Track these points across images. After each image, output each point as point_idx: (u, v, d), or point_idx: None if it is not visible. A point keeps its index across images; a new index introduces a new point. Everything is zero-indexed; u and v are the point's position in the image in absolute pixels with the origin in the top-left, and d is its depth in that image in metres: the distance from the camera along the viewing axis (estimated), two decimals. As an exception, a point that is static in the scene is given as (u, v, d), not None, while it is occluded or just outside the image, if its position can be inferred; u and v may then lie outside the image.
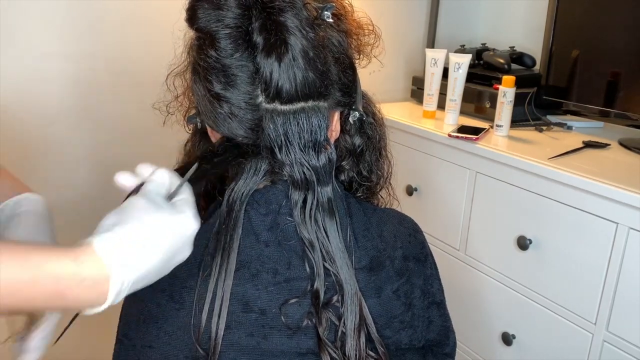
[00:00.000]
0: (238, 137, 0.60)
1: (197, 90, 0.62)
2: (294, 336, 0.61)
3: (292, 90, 0.57)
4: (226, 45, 0.57)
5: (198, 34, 0.60)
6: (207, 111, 0.61)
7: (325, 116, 0.60)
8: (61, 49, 1.34)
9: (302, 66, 0.57)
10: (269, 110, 0.58)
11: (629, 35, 1.33)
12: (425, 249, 0.72)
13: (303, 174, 0.61)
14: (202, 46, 0.59)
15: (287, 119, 0.59)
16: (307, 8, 0.58)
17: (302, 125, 0.59)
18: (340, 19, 0.64)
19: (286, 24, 0.56)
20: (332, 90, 0.62)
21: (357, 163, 0.73)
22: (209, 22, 0.57)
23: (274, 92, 0.57)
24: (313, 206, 0.61)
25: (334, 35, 0.62)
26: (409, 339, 0.67)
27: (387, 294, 0.65)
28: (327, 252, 0.61)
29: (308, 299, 0.61)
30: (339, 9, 0.64)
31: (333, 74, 0.61)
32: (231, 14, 0.57)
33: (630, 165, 1.23)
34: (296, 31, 0.56)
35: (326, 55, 0.60)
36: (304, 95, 0.58)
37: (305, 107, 0.59)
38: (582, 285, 1.16)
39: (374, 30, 0.69)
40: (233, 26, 0.57)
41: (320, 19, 0.60)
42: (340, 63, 0.62)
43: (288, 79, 0.57)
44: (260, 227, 0.62)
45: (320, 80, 0.59)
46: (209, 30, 0.57)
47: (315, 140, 0.60)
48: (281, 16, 0.56)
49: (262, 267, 0.61)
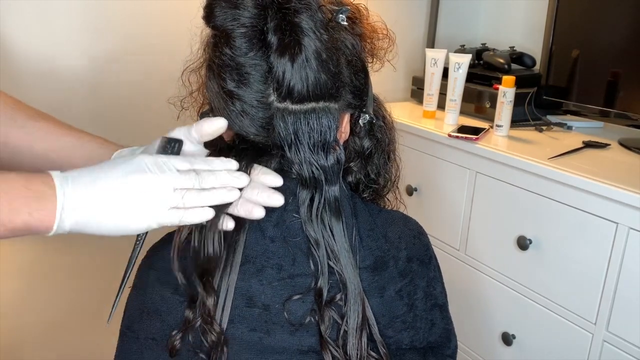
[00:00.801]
0: (250, 134, 0.62)
1: (211, 87, 0.63)
2: (296, 333, 0.61)
3: (303, 91, 0.58)
4: (241, 43, 0.58)
5: (214, 32, 0.62)
6: (220, 108, 0.62)
7: (335, 117, 0.61)
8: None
9: (314, 67, 0.58)
10: (280, 109, 0.60)
11: (629, 35, 1.33)
12: (429, 252, 0.72)
13: (312, 173, 0.62)
14: (217, 44, 0.61)
15: (298, 118, 0.60)
16: (322, 10, 0.59)
17: (312, 125, 0.60)
18: (355, 23, 0.65)
19: (301, 25, 0.57)
20: (344, 92, 0.62)
21: (365, 165, 0.73)
22: (225, 21, 0.58)
23: (285, 92, 0.58)
24: (320, 205, 0.62)
25: (347, 38, 0.63)
26: (410, 340, 0.67)
27: (389, 294, 0.65)
28: (332, 251, 0.61)
29: (311, 296, 0.61)
30: (354, 12, 0.65)
31: (345, 76, 0.62)
32: (247, 13, 0.58)
33: (630, 165, 1.23)
34: (310, 33, 0.57)
35: (339, 58, 0.61)
36: (315, 95, 0.59)
37: (316, 107, 0.60)
38: (582, 285, 1.16)
39: (388, 34, 0.70)
40: (249, 25, 0.58)
41: (335, 21, 0.61)
42: (352, 66, 0.63)
43: (300, 79, 0.58)
44: (267, 223, 0.62)
45: (332, 81, 0.60)
46: (225, 28, 0.59)
47: (324, 140, 0.61)
48: (296, 17, 0.57)
49: (267, 263, 0.62)
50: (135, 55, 1.42)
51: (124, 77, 1.42)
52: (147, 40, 1.43)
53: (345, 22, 0.62)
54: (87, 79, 1.38)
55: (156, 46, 1.43)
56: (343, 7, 0.62)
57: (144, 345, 0.63)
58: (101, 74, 1.39)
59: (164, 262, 0.63)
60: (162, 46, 1.42)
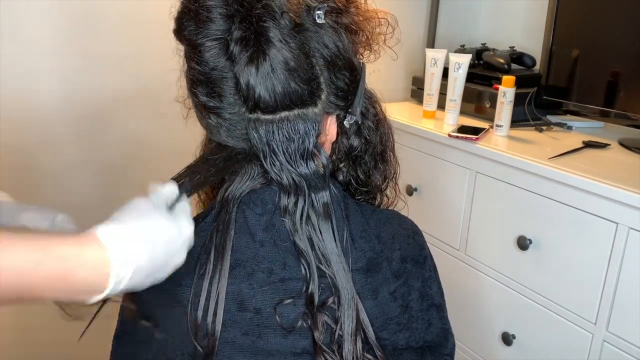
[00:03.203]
0: (229, 144, 0.61)
1: (191, 98, 0.62)
2: (289, 336, 0.61)
3: (271, 101, 0.57)
4: (208, 57, 0.57)
5: (184, 46, 0.60)
6: (200, 118, 0.62)
7: (314, 122, 0.60)
8: (62, 49, 1.34)
9: (281, 77, 0.56)
10: (252, 119, 0.59)
11: (629, 35, 1.33)
12: (424, 251, 0.71)
13: (292, 180, 0.60)
14: (187, 58, 0.60)
15: (270, 128, 0.58)
16: (287, 16, 0.56)
17: (287, 133, 0.59)
18: (340, 13, 0.59)
19: (265, 34, 0.55)
20: (323, 95, 0.60)
21: (355, 166, 0.72)
22: (191, 34, 0.57)
23: (252, 103, 0.57)
24: (304, 211, 0.61)
25: (328, 37, 0.58)
26: (406, 341, 0.66)
27: (383, 295, 0.64)
28: (323, 255, 0.60)
29: (303, 299, 0.61)
30: (340, 2, 0.60)
31: (324, 78, 0.60)
32: (214, 26, 0.56)
33: (630, 165, 1.23)
34: (276, 41, 0.55)
35: (312, 62, 0.58)
36: (285, 105, 0.57)
37: (289, 115, 0.58)
38: (582, 285, 1.16)
39: (386, 18, 0.65)
40: (214, 38, 0.56)
41: (310, 20, 0.57)
42: (333, 65, 0.59)
43: (266, 89, 0.56)
44: (256, 227, 0.62)
45: (304, 88, 0.57)
46: (193, 42, 0.58)
47: (303, 148, 0.60)
48: (259, 27, 0.55)
49: (257, 267, 0.61)
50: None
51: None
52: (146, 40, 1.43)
53: (323, 20, 0.57)
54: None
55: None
56: (320, 3, 0.57)
57: (137, 349, 0.63)
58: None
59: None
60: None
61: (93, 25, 1.36)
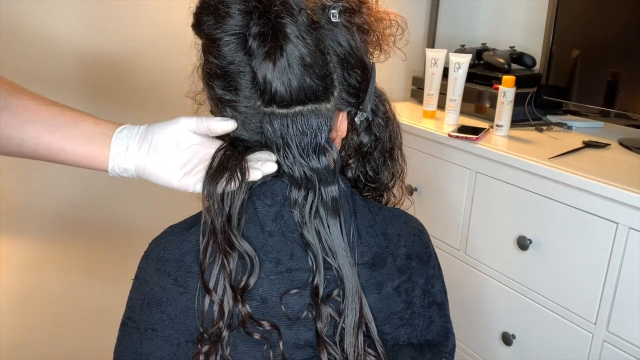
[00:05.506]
0: (244, 137, 0.63)
1: (207, 90, 0.64)
2: (293, 327, 0.62)
3: (287, 95, 0.58)
4: (226, 52, 0.58)
5: (202, 40, 0.62)
6: (216, 112, 0.64)
7: (327, 118, 0.61)
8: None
9: (297, 72, 0.57)
10: (267, 113, 0.60)
11: (629, 35, 1.33)
12: (429, 249, 0.72)
13: (304, 173, 0.62)
14: (205, 51, 0.61)
15: (285, 122, 0.60)
16: (305, 13, 0.58)
17: (300, 127, 0.60)
18: (354, 13, 0.61)
19: (283, 30, 0.56)
20: (335, 92, 0.62)
21: (364, 163, 0.73)
22: (210, 29, 0.59)
23: (269, 97, 0.58)
24: (314, 205, 0.62)
25: (341, 35, 0.60)
26: (407, 337, 0.67)
27: (387, 290, 0.65)
28: (330, 249, 0.61)
29: (309, 290, 0.62)
30: (354, 2, 0.61)
31: (337, 75, 0.61)
32: (232, 21, 0.57)
33: (630, 165, 1.23)
34: (293, 37, 0.57)
35: (327, 59, 0.60)
36: (300, 99, 0.59)
37: (303, 110, 0.60)
38: (582, 285, 1.16)
39: (396, 20, 0.67)
40: (233, 33, 0.58)
41: (325, 19, 0.59)
42: (346, 63, 0.61)
43: (282, 84, 0.57)
44: (265, 218, 0.63)
45: (319, 84, 0.59)
46: (211, 36, 0.59)
47: (315, 142, 0.61)
48: (277, 23, 0.56)
49: (265, 257, 0.62)
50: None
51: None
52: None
53: (337, 19, 0.59)
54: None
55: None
56: (335, 2, 0.59)
57: (143, 335, 0.63)
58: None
59: (164, 253, 0.63)
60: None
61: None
